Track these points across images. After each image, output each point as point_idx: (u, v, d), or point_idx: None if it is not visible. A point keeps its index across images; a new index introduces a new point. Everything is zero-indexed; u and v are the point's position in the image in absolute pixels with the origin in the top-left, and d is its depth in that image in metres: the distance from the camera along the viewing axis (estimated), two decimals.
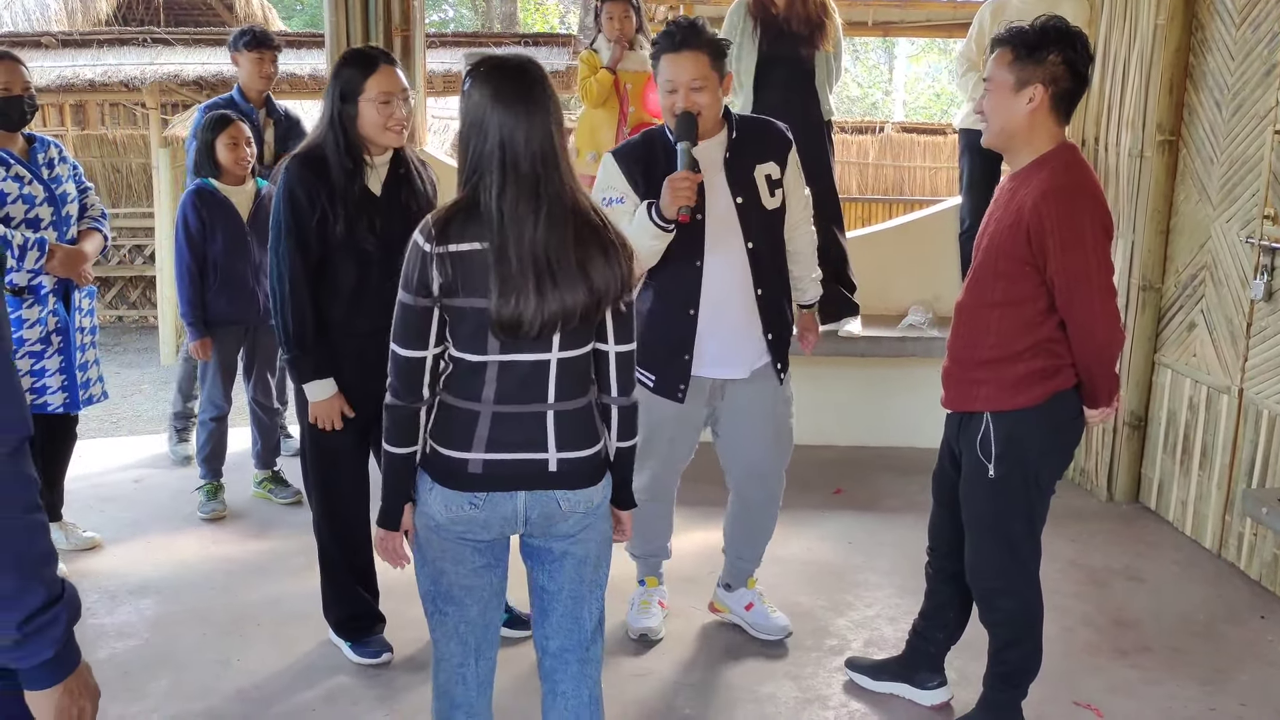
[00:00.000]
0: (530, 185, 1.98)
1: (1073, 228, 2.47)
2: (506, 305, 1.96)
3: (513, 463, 2.07)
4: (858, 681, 3.14)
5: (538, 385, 2.06)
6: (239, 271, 4.21)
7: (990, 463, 2.63)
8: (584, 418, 2.13)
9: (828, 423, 5.29)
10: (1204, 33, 4.21)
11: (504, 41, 9.52)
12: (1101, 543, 4.21)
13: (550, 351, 2.05)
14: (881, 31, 9.57)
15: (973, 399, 2.67)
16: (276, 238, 2.93)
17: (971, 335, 2.67)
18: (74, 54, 9.21)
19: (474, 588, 2.16)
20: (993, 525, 2.71)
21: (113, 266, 10.19)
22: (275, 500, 4.51)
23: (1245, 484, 3.89)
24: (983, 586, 2.79)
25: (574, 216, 2.01)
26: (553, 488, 2.09)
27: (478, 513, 2.08)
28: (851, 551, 4.11)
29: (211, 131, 4.17)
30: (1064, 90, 2.52)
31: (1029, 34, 2.50)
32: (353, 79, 2.87)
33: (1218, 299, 4.09)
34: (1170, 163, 4.38)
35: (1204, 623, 3.58)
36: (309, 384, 3.00)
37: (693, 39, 2.87)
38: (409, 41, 5.00)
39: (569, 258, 1.98)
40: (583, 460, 2.11)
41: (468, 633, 2.18)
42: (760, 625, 3.44)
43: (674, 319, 3.05)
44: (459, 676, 2.20)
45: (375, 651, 3.22)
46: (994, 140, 2.62)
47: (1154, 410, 4.53)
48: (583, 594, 2.20)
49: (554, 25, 21.90)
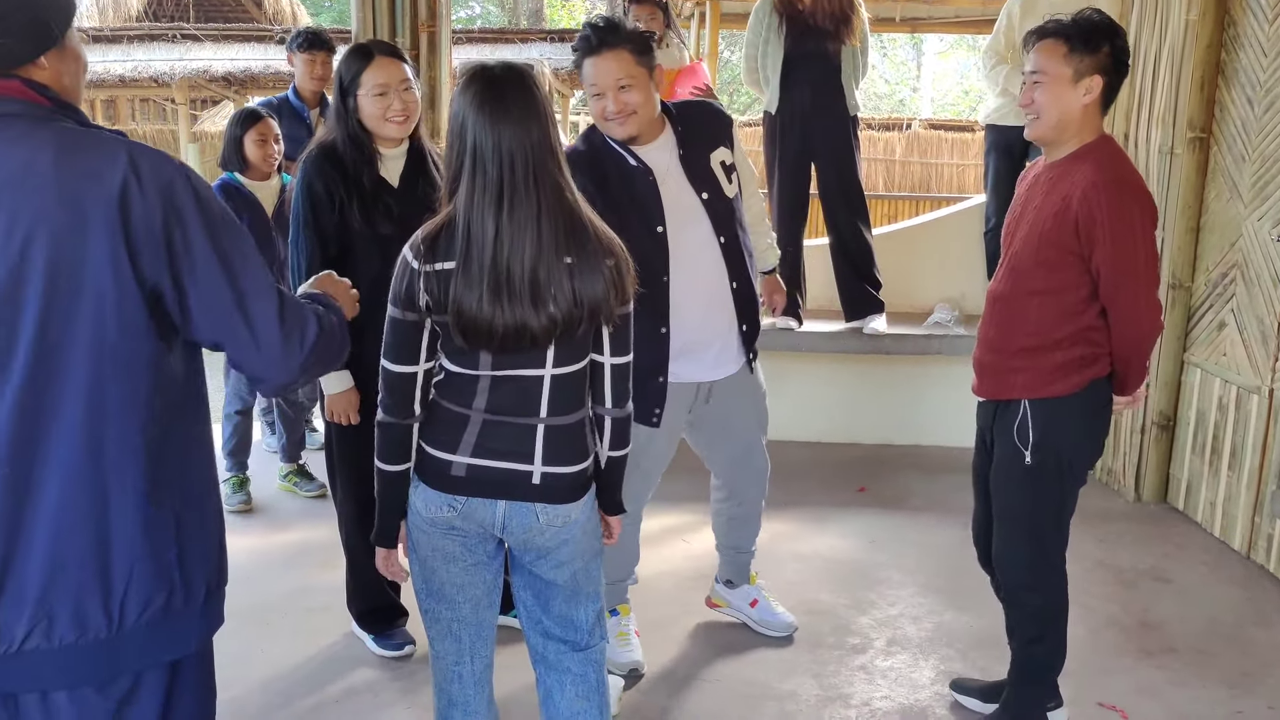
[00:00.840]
0: (495, 192, 1.94)
1: (1124, 219, 2.48)
2: (467, 312, 1.93)
3: (496, 470, 2.05)
4: (968, 705, 3.01)
5: (530, 400, 2.05)
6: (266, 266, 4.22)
7: (1027, 450, 2.63)
8: (574, 433, 2.10)
9: (852, 421, 5.27)
10: (1236, 29, 4.16)
11: (530, 38, 9.53)
12: (1129, 543, 4.18)
13: (544, 367, 2.03)
14: (909, 28, 9.53)
15: (1010, 386, 2.66)
16: (296, 231, 2.95)
17: (1009, 323, 2.66)
18: (104, 50, 9.29)
19: (465, 585, 2.14)
20: (1025, 515, 2.70)
21: None
22: (300, 493, 4.53)
23: (1275, 485, 3.84)
24: (1011, 579, 2.78)
25: (552, 224, 1.95)
26: (533, 500, 2.07)
27: (454, 516, 2.07)
28: (874, 550, 4.09)
29: (241, 127, 4.20)
30: (1112, 82, 2.53)
31: (1083, 26, 2.50)
32: (351, 73, 2.90)
33: (1248, 298, 4.05)
34: (1201, 160, 4.33)
35: (1232, 625, 3.54)
36: (324, 377, 2.99)
37: (611, 37, 2.70)
38: (435, 37, 5.01)
39: (542, 267, 1.94)
40: (567, 476, 2.09)
41: (461, 630, 2.18)
42: (767, 622, 3.41)
43: (643, 340, 2.56)
44: (454, 675, 2.21)
45: (398, 644, 3.24)
46: (1046, 133, 2.58)
47: (1183, 410, 4.48)
48: (578, 601, 2.21)
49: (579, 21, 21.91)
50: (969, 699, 3.03)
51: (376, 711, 2.97)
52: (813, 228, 5.21)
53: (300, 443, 4.61)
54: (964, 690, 3.06)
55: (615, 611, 3.24)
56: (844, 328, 4.91)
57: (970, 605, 3.54)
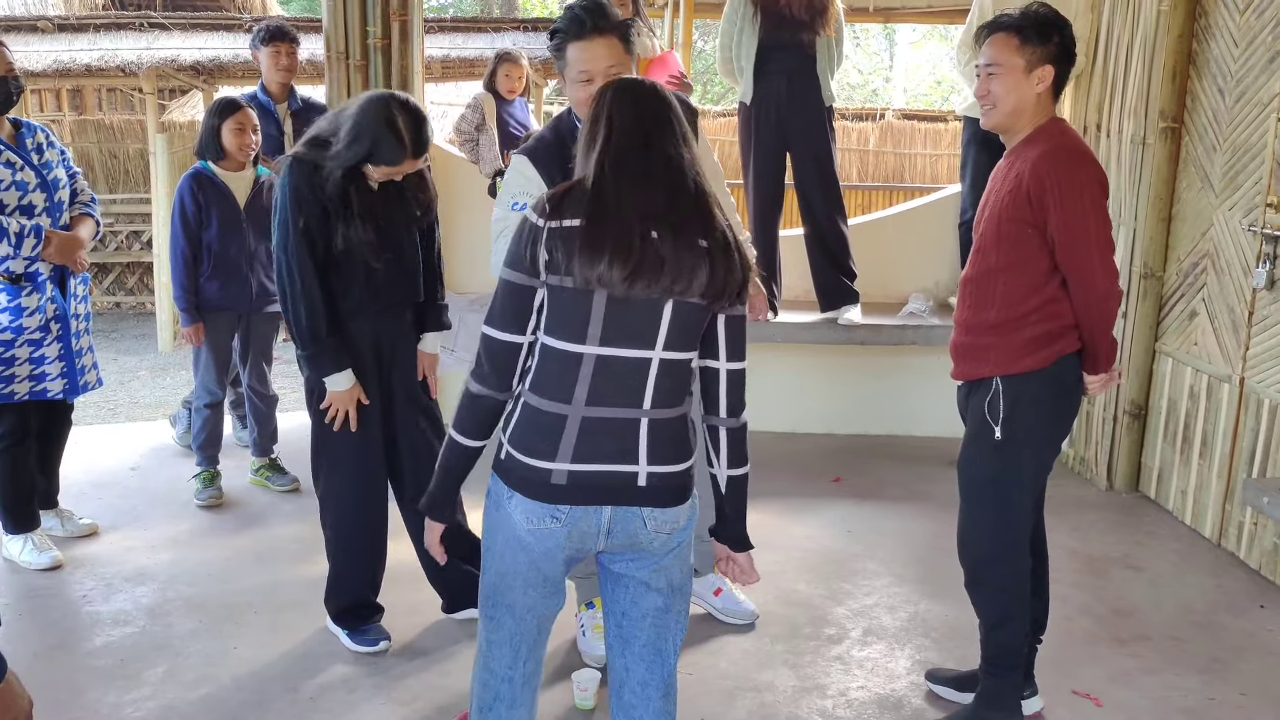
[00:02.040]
0: (638, 152, 1.94)
1: (1071, 184, 2.56)
2: (596, 261, 1.87)
3: (600, 474, 1.95)
4: (942, 695, 3.03)
5: (635, 387, 1.95)
6: (233, 257, 4.19)
7: (997, 425, 2.68)
8: (678, 429, 2.01)
9: (827, 411, 5.28)
10: (1207, 19, 4.18)
11: (503, 27, 9.47)
12: (1101, 531, 4.20)
13: (654, 349, 1.94)
14: (883, 18, 9.53)
15: (981, 364, 2.72)
16: (284, 235, 2.93)
17: (978, 301, 2.72)
18: (70, 38, 9.15)
19: (536, 607, 2.09)
20: (991, 490, 2.75)
21: (110, 253, 10.17)
22: (272, 487, 4.49)
23: (1245, 473, 3.88)
24: (975, 555, 2.81)
25: (686, 195, 1.94)
26: (641, 504, 1.98)
27: (559, 526, 1.97)
28: (851, 540, 4.10)
29: (219, 116, 4.15)
30: (1062, 70, 2.64)
31: (1034, 19, 2.61)
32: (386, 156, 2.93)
33: (1219, 287, 4.07)
34: (1173, 150, 4.35)
35: (1203, 612, 3.57)
36: (330, 377, 2.99)
37: (603, 23, 2.66)
38: (406, 26, 4.96)
39: (677, 226, 1.91)
40: (674, 475, 2.00)
41: (521, 642, 2.11)
42: (730, 610, 3.42)
43: None
44: (506, 679, 2.13)
45: (373, 640, 3.21)
46: (1002, 121, 2.67)
47: (1154, 399, 4.51)
48: (668, 624, 2.09)
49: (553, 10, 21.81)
50: (944, 689, 3.04)
51: (352, 707, 2.94)
52: (788, 218, 5.20)
53: (272, 436, 4.56)
54: (939, 680, 3.07)
55: (591, 604, 3.23)
56: (819, 318, 4.91)
57: (945, 595, 3.55)
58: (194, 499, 4.32)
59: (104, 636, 3.27)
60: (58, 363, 3.66)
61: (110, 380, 7.85)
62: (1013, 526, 2.76)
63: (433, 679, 3.07)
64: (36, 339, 3.60)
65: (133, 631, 3.31)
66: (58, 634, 3.29)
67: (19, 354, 3.57)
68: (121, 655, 3.17)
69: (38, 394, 3.63)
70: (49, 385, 3.66)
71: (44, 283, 3.62)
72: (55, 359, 3.65)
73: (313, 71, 7.87)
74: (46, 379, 3.65)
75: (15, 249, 3.47)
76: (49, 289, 3.63)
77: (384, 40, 4.96)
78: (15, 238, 3.47)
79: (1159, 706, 3.02)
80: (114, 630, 3.32)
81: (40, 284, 3.60)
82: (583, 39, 2.66)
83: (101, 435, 5.38)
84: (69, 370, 3.70)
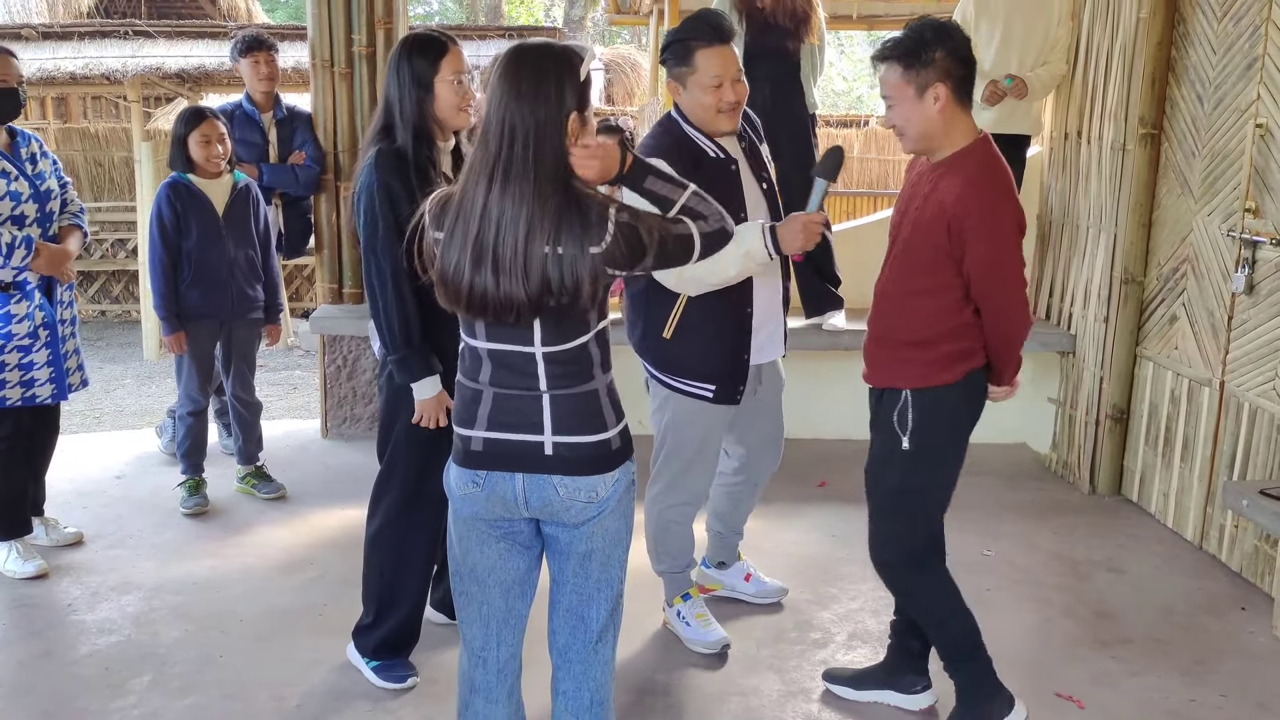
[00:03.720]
0: (490, 165, 1.97)
1: (992, 222, 2.59)
2: (446, 272, 2.00)
3: (509, 443, 2.08)
4: (839, 694, 3.06)
5: (528, 374, 2.07)
6: (213, 265, 4.18)
7: (905, 435, 2.73)
8: (585, 403, 2.09)
9: (812, 416, 5.29)
10: (1186, 26, 4.23)
11: (488, 35, 9.49)
12: (1083, 535, 4.23)
13: (533, 345, 2.04)
14: (866, 25, 9.57)
15: (894, 376, 2.77)
16: (373, 234, 2.79)
17: (895, 319, 2.77)
18: (54, 46, 9.12)
19: (496, 569, 2.16)
20: (899, 498, 2.79)
21: (95, 261, 10.13)
22: (258, 495, 4.48)
23: (1226, 476, 3.91)
24: (896, 566, 2.84)
25: (542, 207, 1.95)
26: (549, 472, 2.07)
27: (479, 491, 2.10)
28: (836, 544, 4.12)
29: (185, 126, 4.14)
30: (959, 79, 2.61)
31: (911, 42, 2.59)
32: (425, 65, 2.79)
33: (1199, 292, 4.11)
34: (1152, 156, 4.39)
35: (1185, 614, 3.60)
36: (418, 383, 2.86)
37: (729, 32, 2.93)
38: (391, 34, 4.97)
39: (524, 246, 1.94)
40: (583, 446, 2.07)
41: (490, 616, 2.19)
42: (763, 592, 3.58)
43: (731, 320, 3.06)
44: (479, 660, 2.21)
45: (402, 676, 3.07)
46: (915, 146, 2.70)
47: (1136, 403, 4.54)
48: (589, 591, 2.17)
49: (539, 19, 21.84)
50: (841, 688, 3.07)
51: (339, 716, 2.94)
52: None
53: (258, 444, 4.56)
54: (836, 680, 3.10)
55: (687, 596, 3.34)
56: (804, 324, 4.93)
57: None
58: (179, 507, 4.32)
59: (89, 645, 3.27)
60: (46, 368, 3.67)
61: (96, 388, 7.83)
62: (922, 533, 2.81)
63: (422, 687, 3.07)
64: (25, 345, 3.61)
65: (118, 640, 3.31)
66: (42, 643, 3.28)
67: (8, 360, 3.58)
68: (107, 664, 3.16)
69: (27, 399, 3.64)
70: (38, 391, 3.66)
71: (32, 291, 3.63)
72: (44, 365, 3.66)
73: (299, 79, 7.87)
74: (36, 384, 3.65)
75: (5, 259, 3.48)
76: (37, 297, 3.64)
77: (369, 48, 4.98)
78: (6, 248, 3.47)
79: (1141, 708, 3.04)
80: (99, 639, 3.31)
81: (29, 292, 3.61)
82: (717, 44, 2.88)
83: (87, 444, 5.36)
84: (57, 376, 3.71)
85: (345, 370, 5.22)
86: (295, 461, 4.95)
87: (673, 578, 3.35)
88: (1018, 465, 5.02)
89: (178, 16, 13.40)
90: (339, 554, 3.87)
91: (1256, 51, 3.78)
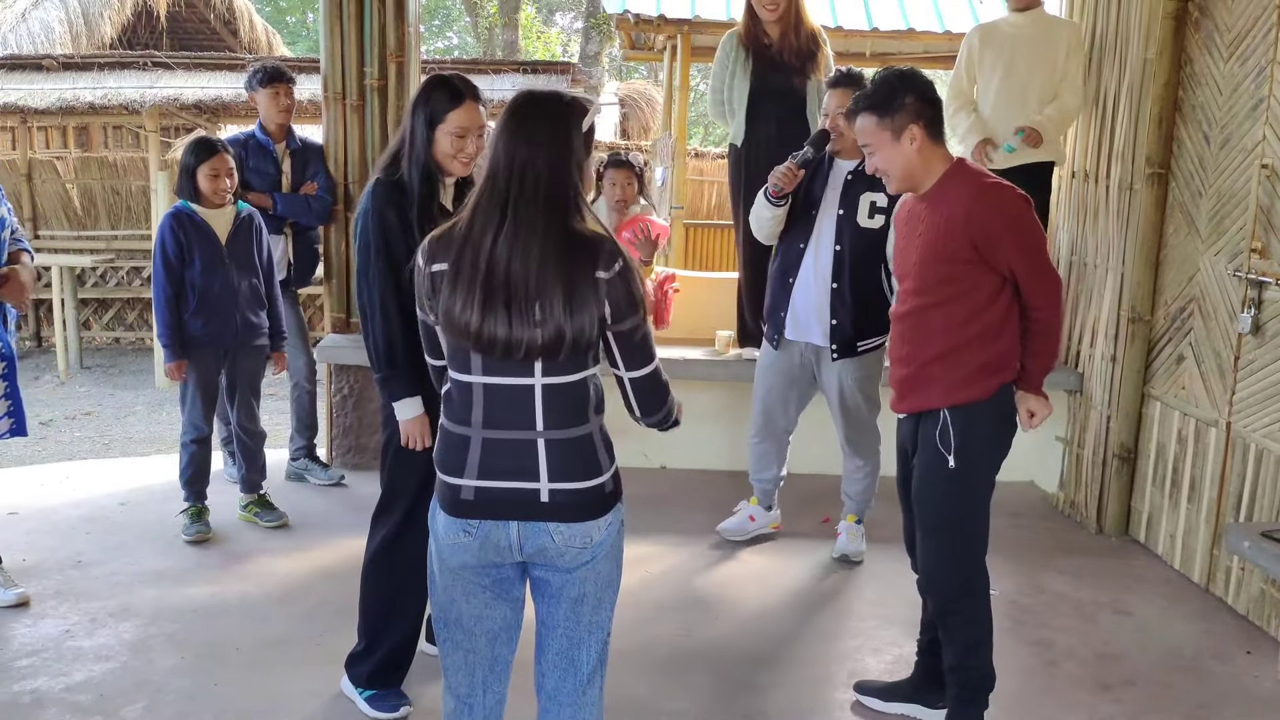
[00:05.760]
0: (500, 204, 1.99)
1: (1016, 216, 2.72)
2: (451, 312, 1.99)
3: (503, 491, 2.04)
4: (868, 704, 3.15)
5: (524, 411, 2.03)
6: (216, 294, 4.20)
7: (950, 454, 2.76)
8: (581, 448, 2.07)
9: (818, 451, 5.27)
10: (1193, 66, 4.23)
11: (502, 69, 9.58)
12: (1089, 575, 4.19)
13: (533, 376, 2.02)
14: (879, 62, 9.61)
15: (927, 397, 2.82)
16: (365, 260, 2.89)
17: (919, 336, 2.82)
18: (74, 77, 9.27)
19: (483, 618, 2.14)
20: (953, 520, 2.82)
21: (110, 288, 10.21)
22: (261, 523, 4.48)
23: (1233, 517, 3.87)
24: (943, 588, 2.86)
25: (551, 248, 1.97)
26: (545, 519, 2.04)
27: (471, 540, 2.06)
28: (839, 581, 4.09)
29: (195, 158, 4.16)
30: (931, 118, 2.77)
31: (880, 92, 2.77)
32: (436, 110, 2.85)
33: (1206, 332, 4.09)
34: (1159, 195, 4.39)
35: (1190, 657, 3.55)
36: (399, 402, 2.94)
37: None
38: (403, 67, 5.02)
39: (531, 286, 1.95)
40: (579, 492, 2.05)
41: (476, 664, 2.17)
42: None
43: (780, 284, 4.09)
44: (466, 706, 2.20)
45: (394, 705, 3.06)
46: (901, 186, 2.84)
47: (1144, 443, 4.51)
48: (580, 635, 2.16)
49: (555, 54, 22.04)
50: (871, 699, 3.15)
51: None
52: None
53: (261, 472, 4.56)
54: (867, 691, 3.18)
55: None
56: None
57: None
58: (181, 534, 4.32)
59: (85, 671, 3.26)
60: (3, 401, 3.64)
61: (107, 415, 7.88)
62: (977, 555, 2.84)
63: (415, 717, 3.05)
64: None
65: (114, 667, 3.30)
66: (39, 669, 3.28)
67: None
68: (101, 690, 3.15)
69: None
70: None
71: None
72: (2, 397, 3.63)
73: (314, 111, 7.94)
74: None
75: None
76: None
77: (380, 81, 5.02)
78: None
79: None
80: (95, 665, 3.30)
81: None
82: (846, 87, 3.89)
83: (94, 470, 5.38)
84: (15, 409, 3.67)
85: (352, 400, 5.23)
86: (299, 490, 4.95)
87: (756, 485, 4.46)
88: (1025, 504, 4.98)
89: (199, 48, 13.60)
90: (338, 584, 3.86)
91: (1263, 92, 3.78)
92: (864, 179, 3.78)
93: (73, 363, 9.14)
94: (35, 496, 4.85)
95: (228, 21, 14.48)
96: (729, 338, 5.08)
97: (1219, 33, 4.06)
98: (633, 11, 8.64)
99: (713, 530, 4.48)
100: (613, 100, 14.99)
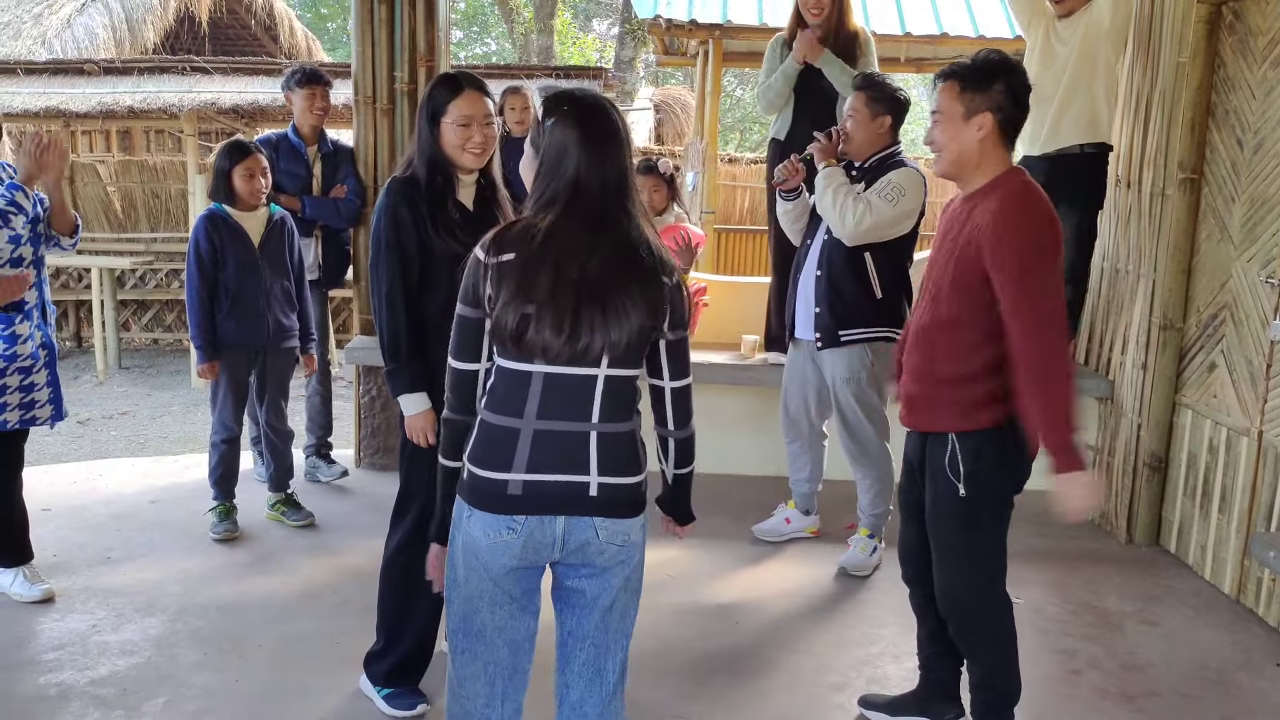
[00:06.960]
0: (594, 219, 2.01)
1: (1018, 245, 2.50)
2: (540, 335, 1.97)
3: (553, 484, 2.02)
4: (872, 718, 3.10)
5: (582, 402, 2.03)
6: (249, 296, 4.25)
7: (960, 482, 2.67)
8: (627, 443, 2.08)
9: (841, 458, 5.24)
10: (1226, 71, 4.18)
11: (536, 73, 9.61)
12: (1117, 585, 4.13)
13: (599, 367, 2.02)
14: (914, 68, 9.58)
15: (935, 418, 2.72)
16: (377, 254, 2.91)
17: (931, 352, 2.73)
18: (115, 81, 9.41)
19: (506, 629, 2.12)
20: (967, 547, 2.73)
21: (149, 290, 10.35)
22: (288, 523, 4.53)
23: (1264, 527, 3.81)
24: (965, 614, 2.79)
25: (628, 253, 2.01)
26: (593, 514, 2.04)
27: (515, 538, 2.03)
28: (861, 587, 4.06)
29: (229, 160, 4.22)
30: (1009, 117, 2.61)
31: (977, 65, 2.60)
32: (440, 101, 2.89)
33: (1238, 339, 4.03)
34: (1192, 201, 4.33)
35: (1217, 669, 3.49)
36: (403, 397, 2.95)
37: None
38: (433, 72, 5.05)
39: (616, 294, 1.98)
40: (625, 488, 2.06)
41: (496, 674, 2.14)
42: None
43: (792, 281, 4.20)
44: (483, 717, 2.16)
45: (412, 703, 3.07)
46: (947, 169, 2.68)
47: (1175, 452, 4.45)
48: (608, 643, 2.15)
49: (591, 59, 22.09)
50: (876, 714, 3.09)
51: None
52: None
53: (289, 472, 4.61)
54: (871, 706, 3.11)
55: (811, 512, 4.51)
56: None
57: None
58: (209, 532, 4.37)
59: (109, 666, 3.31)
60: (46, 389, 3.71)
61: (142, 415, 7.99)
62: (993, 580, 2.76)
63: (432, 715, 3.07)
64: (27, 366, 3.64)
65: (138, 662, 3.34)
66: (64, 662, 3.33)
67: (10, 382, 3.59)
68: (124, 685, 3.19)
69: (26, 422, 3.67)
70: (38, 413, 3.69)
71: (32, 311, 3.66)
72: (44, 385, 3.70)
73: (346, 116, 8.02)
74: (36, 406, 3.68)
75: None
76: (35, 316, 3.67)
77: (411, 85, 5.06)
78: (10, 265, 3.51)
79: None
80: (119, 660, 3.35)
81: (29, 312, 3.64)
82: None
83: (127, 468, 5.46)
84: (55, 397, 3.75)
85: (379, 401, 5.27)
86: (326, 490, 4.99)
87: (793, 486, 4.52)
88: (1053, 512, 4.91)
89: (240, 53, 13.77)
90: (361, 583, 3.88)
91: None
92: (861, 175, 3.96)
93: (111, 363, 9.27)
94: (68, 494, 4.92)
95: (268, 27, 14.68)
96: (755, 342, 5.08)
97: (1252, 37, 4.00)
98: (665, 17, 8.65)
99: (736, 535, 4.47)
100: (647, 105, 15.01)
